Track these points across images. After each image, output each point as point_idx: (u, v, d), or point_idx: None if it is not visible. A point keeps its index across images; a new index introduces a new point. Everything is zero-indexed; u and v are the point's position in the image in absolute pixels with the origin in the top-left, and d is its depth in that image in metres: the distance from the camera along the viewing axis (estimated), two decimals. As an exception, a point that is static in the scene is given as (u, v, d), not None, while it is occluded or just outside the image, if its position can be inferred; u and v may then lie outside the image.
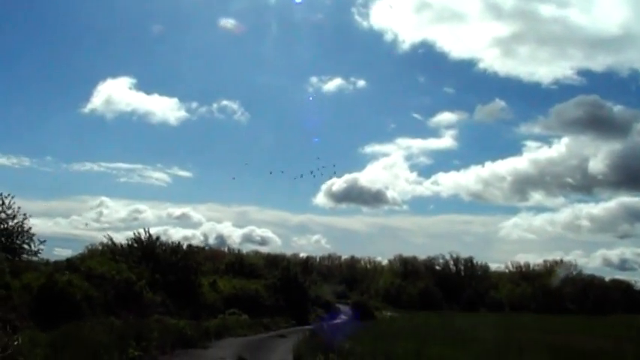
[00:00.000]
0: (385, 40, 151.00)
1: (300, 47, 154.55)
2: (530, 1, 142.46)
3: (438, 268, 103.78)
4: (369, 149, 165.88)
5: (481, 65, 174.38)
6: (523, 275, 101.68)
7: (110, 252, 36.44)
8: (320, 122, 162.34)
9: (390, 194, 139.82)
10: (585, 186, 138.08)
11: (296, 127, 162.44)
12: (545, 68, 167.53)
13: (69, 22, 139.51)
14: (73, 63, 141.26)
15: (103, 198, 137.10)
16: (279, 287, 50.71)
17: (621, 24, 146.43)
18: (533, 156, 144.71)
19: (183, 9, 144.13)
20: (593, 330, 35.88)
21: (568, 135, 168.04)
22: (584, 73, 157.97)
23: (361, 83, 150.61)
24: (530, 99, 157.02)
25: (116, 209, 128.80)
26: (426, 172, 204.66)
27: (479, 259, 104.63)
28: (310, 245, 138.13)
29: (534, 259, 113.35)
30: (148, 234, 37.92)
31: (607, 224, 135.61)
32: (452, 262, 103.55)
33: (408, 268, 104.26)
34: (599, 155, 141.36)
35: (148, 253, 36.74)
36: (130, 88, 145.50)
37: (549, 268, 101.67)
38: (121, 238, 40.80)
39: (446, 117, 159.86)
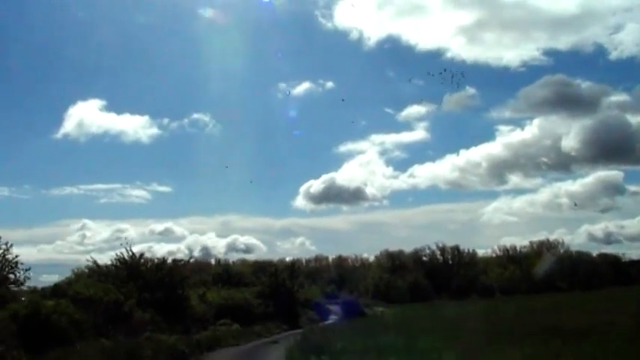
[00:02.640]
0: (351, 38, 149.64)
1: (266, 54, 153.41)
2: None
3: (425, 259, 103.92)
4: (343, 148, 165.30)
5: (448, 55, 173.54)
6: (510, 258, 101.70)
7: (96, 274, 36.33)
8: (293, 126, 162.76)
9: (368, 191, 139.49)
10: (561, 164, 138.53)
11: (268, 134, 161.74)
12: (512, 52, 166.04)
13: (34, 48, 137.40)
14: (41, 89, 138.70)
15: (85, 220, 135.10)
16: (268, 294, 50.88)
17: (580, 3, 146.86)
18: (506, 140, 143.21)
19: (146, 26, 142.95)
20: (585, 306, 36.34)
21: (539, 116, 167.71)
22: (551, 53, 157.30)
23: (330, 84, 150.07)
24: (499, 84, 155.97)
25: (98, 230, 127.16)
26: (401, 165, 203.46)
27: (465, 246, 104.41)
28: (295, 249, 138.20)
29: (520, 241, 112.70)
30: (131, 252, 37.82)
31: (587, 200, 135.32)
32: (438, 252, 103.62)
33: (395, 263, 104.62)
34: (572, 132, 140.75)
35: (134, 271, 36.64)
36: (101, 110, 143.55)
37: (536, 249, 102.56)
38: (106, 259, 40.51)
39: (416, 109, 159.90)
